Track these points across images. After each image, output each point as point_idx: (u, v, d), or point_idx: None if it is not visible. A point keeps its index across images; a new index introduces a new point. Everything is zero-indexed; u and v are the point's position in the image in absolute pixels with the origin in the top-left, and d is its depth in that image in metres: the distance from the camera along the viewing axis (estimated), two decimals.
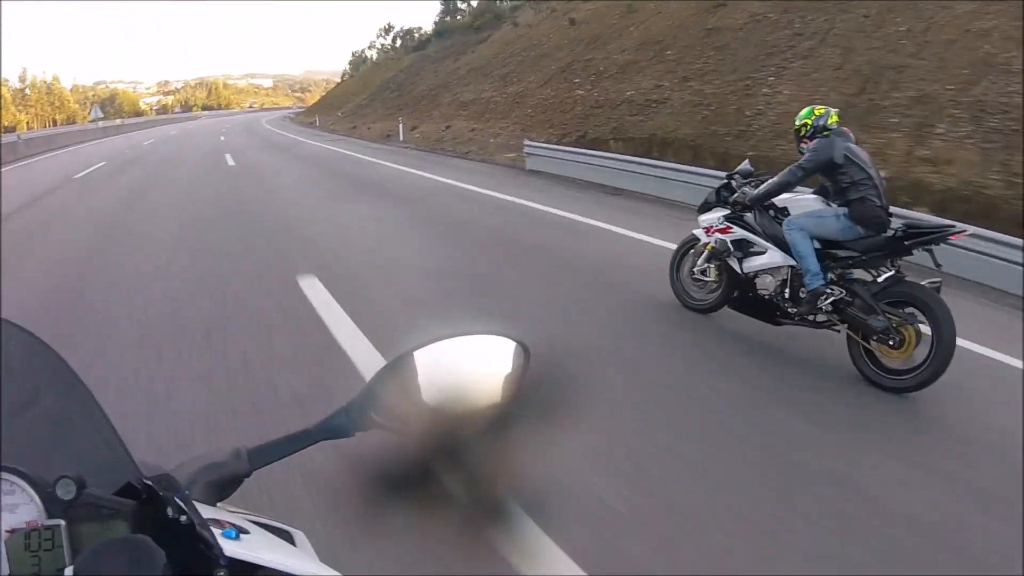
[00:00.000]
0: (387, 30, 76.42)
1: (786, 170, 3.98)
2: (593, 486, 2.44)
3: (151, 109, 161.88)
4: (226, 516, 0.61)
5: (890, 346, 3.54)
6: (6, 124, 78.23)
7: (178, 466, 0.66)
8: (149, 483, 0.55)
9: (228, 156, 18.15)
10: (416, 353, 0.70)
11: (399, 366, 0.70)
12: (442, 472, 0.66)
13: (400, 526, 0.66)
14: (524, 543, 1.55)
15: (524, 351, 0.73)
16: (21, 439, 0.59)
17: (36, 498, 0.52)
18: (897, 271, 3.65)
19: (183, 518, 0.52)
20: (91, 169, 16.41)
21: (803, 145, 4.06)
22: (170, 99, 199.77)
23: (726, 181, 4.49)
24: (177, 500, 0.53)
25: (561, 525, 2.11)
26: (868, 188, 3.76)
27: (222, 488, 0.67)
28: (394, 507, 0.64)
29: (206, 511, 0.57)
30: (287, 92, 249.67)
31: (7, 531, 0.52)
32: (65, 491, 0.51)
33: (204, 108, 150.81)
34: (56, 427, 0.61)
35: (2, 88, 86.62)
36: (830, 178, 3.90)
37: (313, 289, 4.75)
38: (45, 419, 0.61)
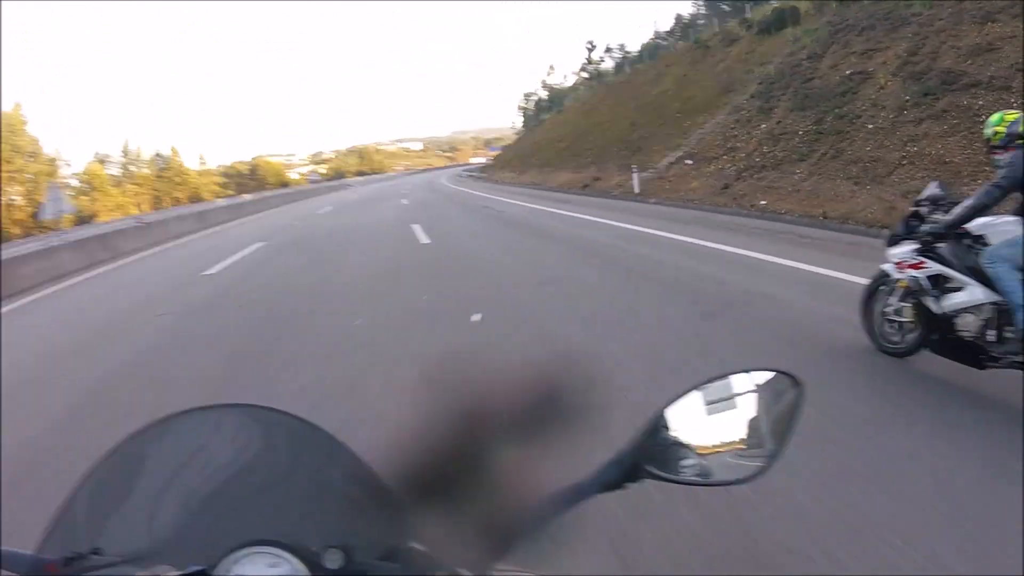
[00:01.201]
0: (591, 48, 63.08)
1: (980, 190, 3.53)
2: None
3: (305, 179, 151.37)
4: None
5: None
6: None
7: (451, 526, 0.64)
8: (416, 547, 0.55)
9: None
10: (679, 402, 0.70)
11: (664, 417, 0.69)
12: None
13: None
14: None
15: (794, 384, 0.72)
16: (285, 511, 0.61)
17: (303, 569, 0.53)
18: None
19: None
20: None
21: (995, 157, 3.70)
22: (323, 168, 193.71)
23: (914, 209, 4.07)
24: (453, 566, 0.53)
25: None
26: None
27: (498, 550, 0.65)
28: None
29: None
30: (437, 153, 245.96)
31: None
32: (332, 560, 0.52)
33: (358, 174, 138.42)
34: (319, 496, 0.62)
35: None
36: None
37: None
38: (307, 490, 0.62)
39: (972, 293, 3.55)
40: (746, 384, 0.72)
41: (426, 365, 0.54)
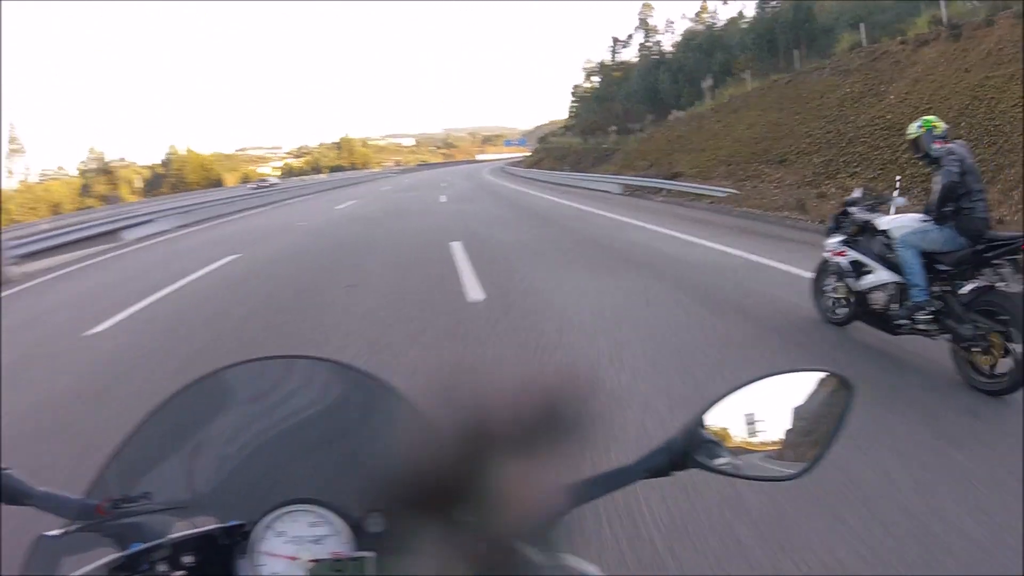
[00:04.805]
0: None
1: (941, 176, 4.15)
2: None
3: (273, 174, 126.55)
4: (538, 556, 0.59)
5: (978, 352, 3.82)
6: None
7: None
8: (466, 518, 0.54)
9: None
10: (733, 395, 0.69)
11: (714, 410, 0.69)
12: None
13: None
14: None
15: (845, 386, 0.71)
16: (331, 471, 0.61)
17: (345, 530, 0.53)
18: (996, 281, 3.93)
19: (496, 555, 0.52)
20: None
21: (935, 146, 4.32)
22: (300, 161, 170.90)
23: (843, 209, 5.17)
24: (498, 536, 0.53)
25: None
26: (979, 199, 4.11)
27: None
28: None
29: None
30: (431, 149, 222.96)
31: (311, 561, 0.53)
32: (375, 524, 0.51)
33: (333, 170, 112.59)
34: (368, 458, 0.59)
35: None
36: None
37: None
38: (357, 451, 0.60)
39: (879, 275, 4.59)
40: (796, 383, 0.71)
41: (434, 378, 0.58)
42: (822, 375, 0.71)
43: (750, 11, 41.34)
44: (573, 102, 65.26)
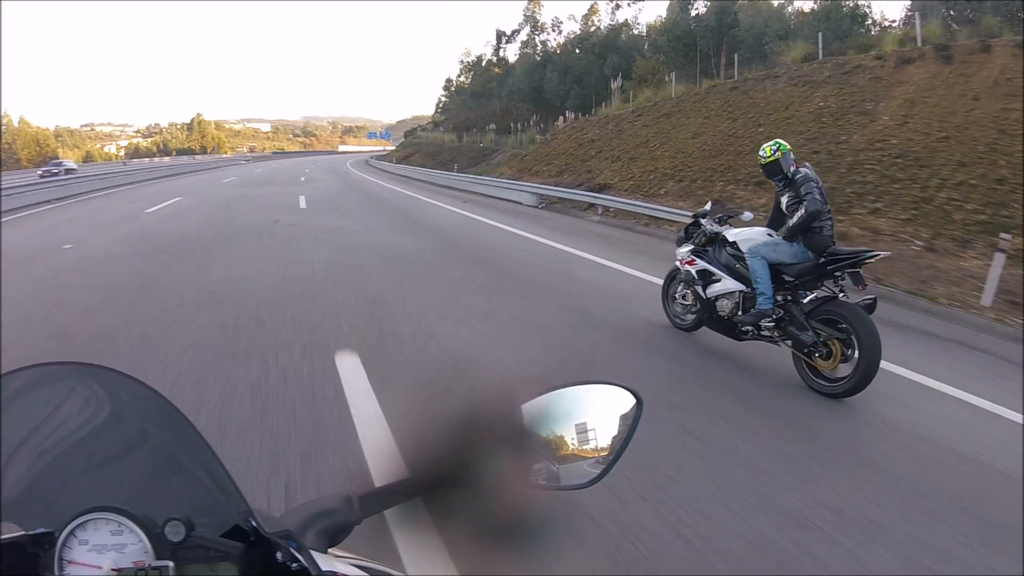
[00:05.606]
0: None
1: (807, 203, 4.20)
2: None
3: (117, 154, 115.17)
4: (334, 563, 0.60)
5: (819, 357, 4.03)
6: None
7: (288, 511, 0.65)
8: (257, 527, 0.55)
9: None
10: (528, 404, 0.68)
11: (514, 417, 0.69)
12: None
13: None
14: None
15: (635, 399, 0.73)
16: (131, 480, 0.61)
17: (145, 539, 0.53)
18: (836, 292, 4.13)
19: (294, 565, 0.53)
20: None
21: (793, 169, 4.44)
22: (148, 142, 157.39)
23: (694, 220, 5.21)
24: (288, 546, 0.54)
25: None
26: (827, 219, 4.30)
27: (332, 535, 0.65)
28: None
29: (316, 558, 0.57)
30: (289, 137, 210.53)
31: (113, 570, 0.53)
32: (174, 533, 0.52)
33: (181, 152, 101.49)
34: (165, 469, 0.60)
35: None
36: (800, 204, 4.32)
37: None
38: (154, 461, 0.61)
39: (726, 284, 4.72)
40: (590, 395, 0.72)
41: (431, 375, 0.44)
42: (616, 388, 0.73)
43: (646, 17, 39.44)
44: (444, 96, 62.22)
